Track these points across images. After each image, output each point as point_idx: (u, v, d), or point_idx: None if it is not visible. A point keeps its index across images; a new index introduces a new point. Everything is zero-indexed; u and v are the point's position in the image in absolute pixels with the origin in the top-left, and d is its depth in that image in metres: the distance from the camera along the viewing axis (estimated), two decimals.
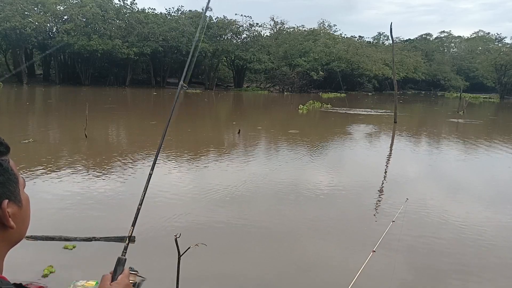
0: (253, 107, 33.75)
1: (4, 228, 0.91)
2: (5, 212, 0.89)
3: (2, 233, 0.92)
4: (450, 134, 19.83)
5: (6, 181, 0.90)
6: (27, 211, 0.99)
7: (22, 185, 0.97)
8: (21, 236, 0.98)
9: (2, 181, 0.89)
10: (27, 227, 1.00)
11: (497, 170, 11.66)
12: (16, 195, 0.94)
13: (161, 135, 1.85)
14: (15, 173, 0.95)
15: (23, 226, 0.97)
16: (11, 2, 40.39)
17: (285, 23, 65.80)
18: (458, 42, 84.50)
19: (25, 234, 1.00)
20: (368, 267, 3.88)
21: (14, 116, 19.35)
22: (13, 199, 0.92)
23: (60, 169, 9.06)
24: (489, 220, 7.11)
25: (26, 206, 0.98)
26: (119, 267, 1.33)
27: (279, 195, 8.00)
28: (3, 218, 0.90)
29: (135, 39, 44.51)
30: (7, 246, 0.95)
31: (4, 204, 0.89)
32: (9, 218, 0.90)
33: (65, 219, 6.12)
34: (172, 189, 7.98)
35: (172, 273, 3.79)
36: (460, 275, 5.12)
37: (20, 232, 0.96)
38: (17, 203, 0.94)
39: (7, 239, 0.93)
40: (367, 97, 51.11)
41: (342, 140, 16.20)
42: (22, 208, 0.96)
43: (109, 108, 24.64)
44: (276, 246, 5.70)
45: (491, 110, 40.04)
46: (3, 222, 0.90)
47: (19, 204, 0.94)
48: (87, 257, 5.07)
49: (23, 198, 0.97)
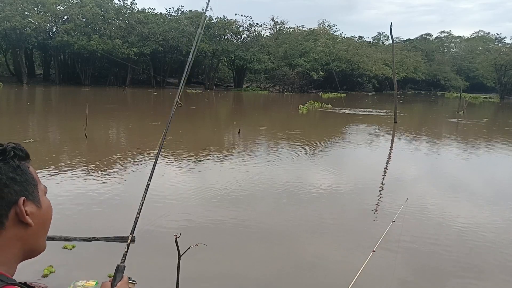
0: (253, 107, 33.74)
1: (22, 227, 0.93)
2: (21, 208, 0.91)
3: (18, 231, 0.93)
4: (450, 134, 19.84)
5: (24, 181, 0.94)
6: (48, 216, 1.01)
7: (42, 191, 1.00)
8: (38, 242, 0.98)
9: (20, 181, 0.93)
10: (45, 236, 1.01)
11: (497, 170, 11.67)
12: (34, 196, 0.96)
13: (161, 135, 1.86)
14: (34, 177, 0.98)
15: (41, 230, 0.98)
16: (11, 2, 40.38)
17: (285, 23, 65.84)
18: (458, 42, 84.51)
19: (43, 246, 1.00)
20: (368, 267, 3.89)
21: (14, 116, 19.35)
22: (31, 198, 0.95)
23: (60, 169, 9.07)
24: (489, 220, 7.11)
25: (46, 210, 1.00)
26: (118, 274, 1.34)
27: (279, 195, 8.01)
28: (19, 215, 0.91)
29: (135, 39, 44.50)
30: (22, 247, 0.95)
31: (20, 200, 0.92)
32: (26, 216, 0.92)
33: (65, 219, 6.12)
34: (172, 189, 7.98)
35: (172, 273, 3.80)
36: (460, 275, 5.13)
37: (37, 235, 0.97)
38: (36, 203, 0.96)
39: (23, 238, 0.94)
40: (367, 97, 51.13)
41: (342, 140, 16.20)
42: (42, 210, 0.98)
43: (109, 108, 24.65)
44: (276, 246, 5.70)
45: (491, 110, 40.05)
46: (20, 220, 0.92)
47: (37, 204, 0.97)
48: (87, 257, 5.08)
49: (43, 201, 0.99)
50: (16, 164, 0.94)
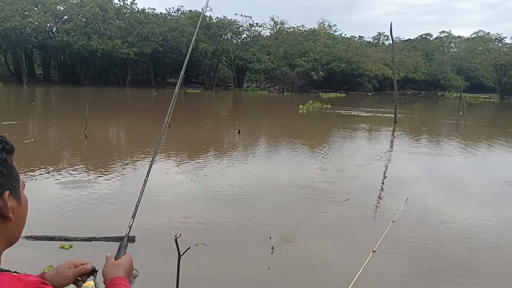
0: (253, 107, 33.74)
1: (3, 221, 0.93)
2: (6, 202, 0.92)
3: (1, 226, 0.94)
4: (450, 134, 19.83)
5: (9, 175, 0.94)
6: (25, 211, 1.02)
7: (22, 186, 1.01)
8: (17, 234, 1.00)
9: (6, 174, 0.93)
10: (23, 228, 1.02)
11: (497, 170, 11.66)
12: (17, 190, 0.97)
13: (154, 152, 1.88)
14: (17, 172, 0.99)
15: (20, 224, 0.99)
16: (11, 2, 40.39)
17: (285, 23, 65.92)
18: (458, 42, 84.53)
19: (20, 235, 1.02)
20: (368, 267, 3.89)
21: (15, 116, 19.34)
22: (14, 193, 0.96)
23: (60, 169, 9.06)
24: (489, 220, 7.11)
25: (24, 206, 1.01)
26: (122, 249, 1.42)
27: (279, 195, 8.00)
28: (3, 209, 0.92)
29: (135, 39, 44.51)
30: (4, 239, 0.96)
31: (5, 194, 0.92)
32: (9, 210, 0.93)
33: (65, 219, 6.12)
34: (172, 189, 7.97)
35: (172, 273, 3.79)
36: (460, 275, 5.12)
37: (16, 229, 0.98)
38: (17, 198, 0.97)
39: (5, 232, 0.95)
40: (367, 97, 51.11)
41: (342, 140, 16.20)
42: (21, 206, 0.99)
43: (109, 108, 24.64)
44: (276, 246, 5.70)
45: (491, 110, 40.04)
46: (2, 214, 0.92)
47: (18, 200, 0.97)
48: (87, 257, 5.04)
49: (22, 197, 1.00)
50: (4, 157, 0.93)
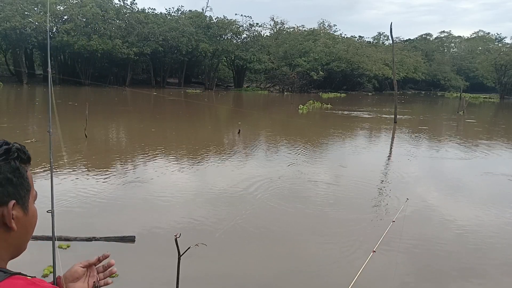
0: (253, 107, 33.72)
1: (6, 230, 0.93)
2: (9, 211, 0.91)
3: (3, 234, 0.93)
4: (450, 134, 19.83)
5: (19, 184, 0.94)
6: (32, 223, 1.01)
7: (33, 197, 1.01)
8: (21, 245, 0.99)
9: (15, 183, 0.92)
10: (28, 239, 1.02)
11: (497, 170, 11.65)
12: (24, 201, 0.96)
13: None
14: (29, 182, 0.98)
15: (24, 234, 0.99)
16: (11, 2, 40.37)
17: (285, 23, 65.84)
18: (458, 42, 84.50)
19: (25, 247, 1.01)
20: (368, 267, 3.89)
21: (15, 116, 19.35)
22: (21, 203, 0.95)
23: (60, 169, 9.06)
24: (489, 220, 7.11)
25: (31, 217, 1.00)
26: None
27: (279, 195, 8.00)
28: (6, 218, 0.91)
29: (135, 39, 44.48)
30: (8, 249, 0.95)
31: (10, 204, 0.91)
32: (12, 219, 0.92)
33: (65, 219, 6.11)
34: (172, 188, 7.97)
35: (172, 273, 3.79)
36: (460, 275, 5.12)
37: (20, 239, 0.97)
38: (24, 209, 0.96)
39: (8, 241, 0.94)
40: (367, 97, 51.11)
41: (342, 140, 16.20)
42: (27, 217, 0.98)
43: (109, 108, 24.64)
44: (276, 246, 5.70)
45: (491, 110, 40.04)
46: (5, 222, 0.92)
47: (25, 210, 0.97)
48: (87, 257, 5.05)
49: (31, 208, 0.99)
50: (16, 166, 0.93)
